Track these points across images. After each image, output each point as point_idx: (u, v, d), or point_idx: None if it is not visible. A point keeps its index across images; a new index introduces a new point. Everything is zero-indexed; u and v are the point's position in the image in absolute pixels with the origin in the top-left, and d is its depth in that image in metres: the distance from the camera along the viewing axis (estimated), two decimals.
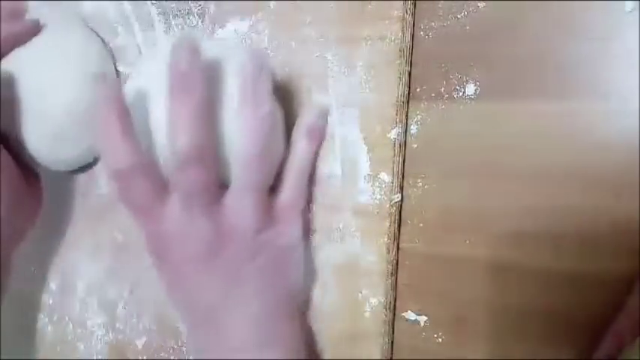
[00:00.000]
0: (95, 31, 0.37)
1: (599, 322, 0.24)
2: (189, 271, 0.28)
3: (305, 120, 0.30)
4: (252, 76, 0.26)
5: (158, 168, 0.28)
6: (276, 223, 0.28)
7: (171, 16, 0.35)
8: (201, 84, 0.26)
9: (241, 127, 0.26)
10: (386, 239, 0.28)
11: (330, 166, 0.30)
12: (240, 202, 0.27)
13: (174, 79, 0.26)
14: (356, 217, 0.29)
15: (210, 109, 0.26)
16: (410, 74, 0.28)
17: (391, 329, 0.29)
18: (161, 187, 0.27)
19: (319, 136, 0.30)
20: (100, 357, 0.38)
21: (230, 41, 0.32)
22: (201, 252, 0.27)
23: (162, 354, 0.36)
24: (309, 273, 0.30)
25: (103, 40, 0.37)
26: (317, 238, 0.30)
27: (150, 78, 0.29)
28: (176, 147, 0.25)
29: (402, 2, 0.27)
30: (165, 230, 0.27)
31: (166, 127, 0.26)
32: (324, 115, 0.30)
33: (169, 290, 0.30)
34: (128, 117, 0.27)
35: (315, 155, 0.30)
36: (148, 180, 0.27)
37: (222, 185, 0.27)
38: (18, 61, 0.34)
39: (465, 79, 0.27)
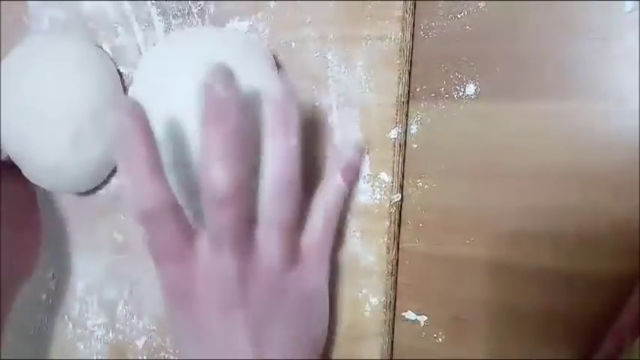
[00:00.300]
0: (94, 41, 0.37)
1: (599, 322, 0.24)
2: (215, 318, 0.26)
3: (343, 155, 0.28)
4: (283, 105, 0.25)
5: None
6: (302, 265, 0.27)
7: (171, 16, 0.35)
8: (238, 112, 0.24)
9: (271, 158, 0.25)
10: (386, 239, 0.28)
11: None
12: (269, 239, 0.25)
13: (209, 107, 0.23)
14: (356, 217, 0.29)
15: (247, 140, 0.25)
16: (410, 74, 0.28)
17: (391, 329, 0.29)
18: (188, 225, 0.26)
19: (356, 173, 0.28)
20: (100, 357, 0.38)
21: (238, 33, 0.32)
22: (229, 295, 0.25)
23: (162, 354, 0.36)
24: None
25: (101, 47, 0.37)
26: None
27: (149, 81, 0.28)
28: (212, 183, 0.23)
29: (402, 2, 0.27)
30: (192, 274, 0.26)
31: (199, 158, 0.24)
32: (362, 150, 0.28)
33: (192, 344, 0.27)
34: (155, 148, 0.24)
35: (349, 192, 0.28)
36: (177, 220, 0.25)
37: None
38: (18, 76, 0.34)
39: (465, 79, 0.27)
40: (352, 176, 0.28)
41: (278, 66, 0.31)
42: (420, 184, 0.28)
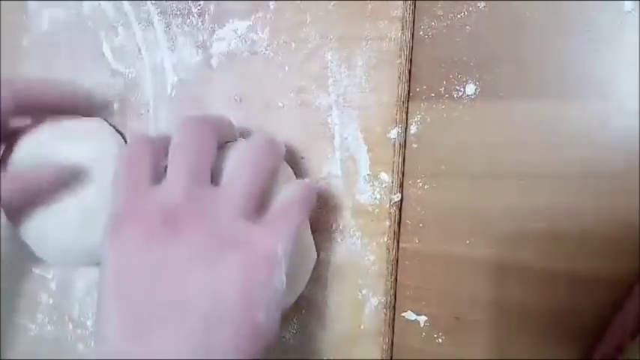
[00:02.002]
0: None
1: (599, 322, 0.24)
2: (141, 250, 0.23)
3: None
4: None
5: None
6: (266, 223, 0.25)
7: (171, 16, 0.35)
8: None
9: None
10: (386, 239, 0.28)
11: (330, 166, 0.30)
12: (236, 178, 0.25)
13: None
14: (356, 217, 0.29)
15: None
16: (410, 74, 0.28)
17: (391, 329, 0.29)
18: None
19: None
20: None
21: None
22: (170, 220, 0.23)
23: None
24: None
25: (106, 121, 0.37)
26: (317, 238, 0.30)
27: None
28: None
29: (402, 2, 0.27)
30: (153, 202, 0.24)
31: None
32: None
33: (113, 284, 0.23)
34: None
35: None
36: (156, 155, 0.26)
37: None
38: (27, 157, 0.33)
39: (464, 79, 0.27)
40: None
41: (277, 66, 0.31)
42: (420, 184, 0.28)
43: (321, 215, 0.30)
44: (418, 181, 0.28)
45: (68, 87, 0.34)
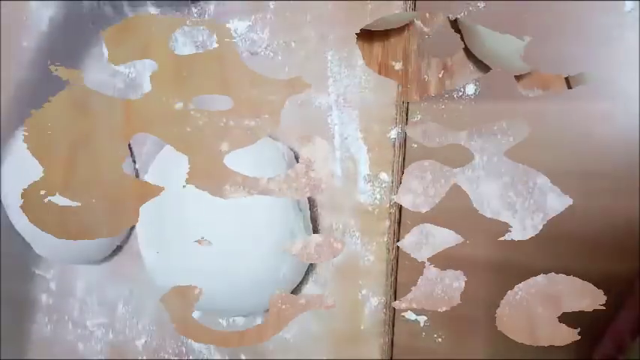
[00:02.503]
0: None
1: (599, 322, 0.24)
2: None
3: None
4: None
5: None
6: None
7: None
8: None
9: None
10: (386, 239, 0.28)
11: (330, 166, 0.30)
12: None
13: None
14: (356, 217, 0.29)
15: None
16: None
17: (391, 329, 0.29)
18: None
19: None
20: (100, 357, 0.38)
21: None
22: None
23: (162, 354, 0.36)
24: None
25: None
26: None
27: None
28: None
29: (402, 2, 0.27)
30: None
31: None
32: None
33: None
34: None
35: None
36: None
37: None
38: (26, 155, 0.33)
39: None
40: None
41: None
42: None
43: (321, 215, 0.30)
44: None
45: None
